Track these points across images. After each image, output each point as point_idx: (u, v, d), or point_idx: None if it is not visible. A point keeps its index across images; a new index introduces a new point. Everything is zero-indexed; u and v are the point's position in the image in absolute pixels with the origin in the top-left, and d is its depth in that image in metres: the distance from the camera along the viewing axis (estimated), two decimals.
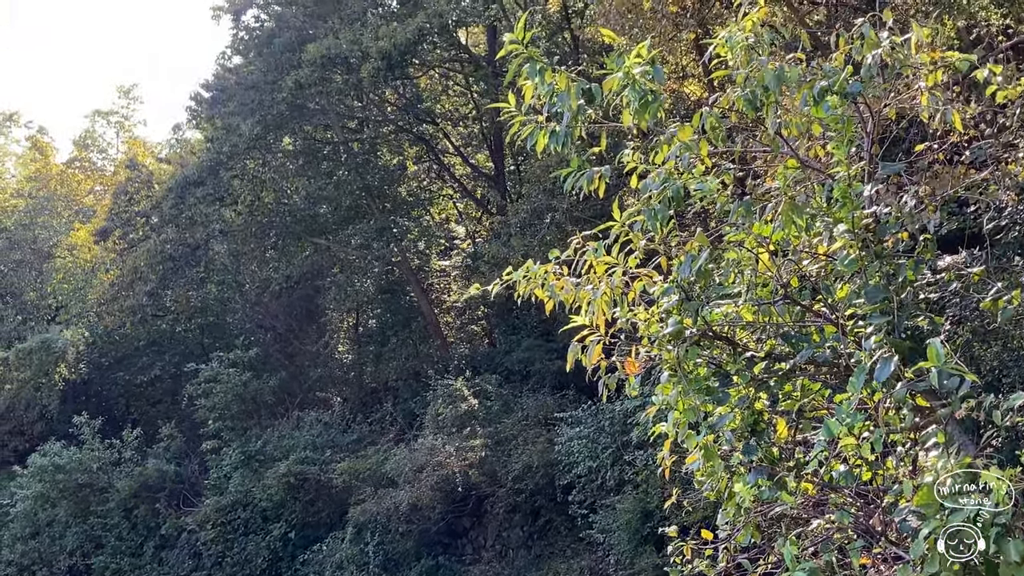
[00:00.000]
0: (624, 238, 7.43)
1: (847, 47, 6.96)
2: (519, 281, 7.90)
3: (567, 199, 29.73)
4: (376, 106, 43.29)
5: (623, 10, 24.56)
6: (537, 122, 7.73)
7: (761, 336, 7.31)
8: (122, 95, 64.54)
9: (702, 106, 7.40)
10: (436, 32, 38.50)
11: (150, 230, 46.17)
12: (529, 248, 30.62)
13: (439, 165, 45.99)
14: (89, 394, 47.81)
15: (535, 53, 7.63)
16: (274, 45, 40.03)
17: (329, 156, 43.86)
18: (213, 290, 45.56)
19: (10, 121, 66.38)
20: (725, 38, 7.20)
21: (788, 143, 7.35)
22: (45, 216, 55.06)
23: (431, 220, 46.71)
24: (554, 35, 39.85)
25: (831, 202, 7.00)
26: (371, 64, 36.09)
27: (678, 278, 6.92)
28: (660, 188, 7.10)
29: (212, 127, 42.84)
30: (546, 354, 35.65)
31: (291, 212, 43.06)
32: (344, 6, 39.79)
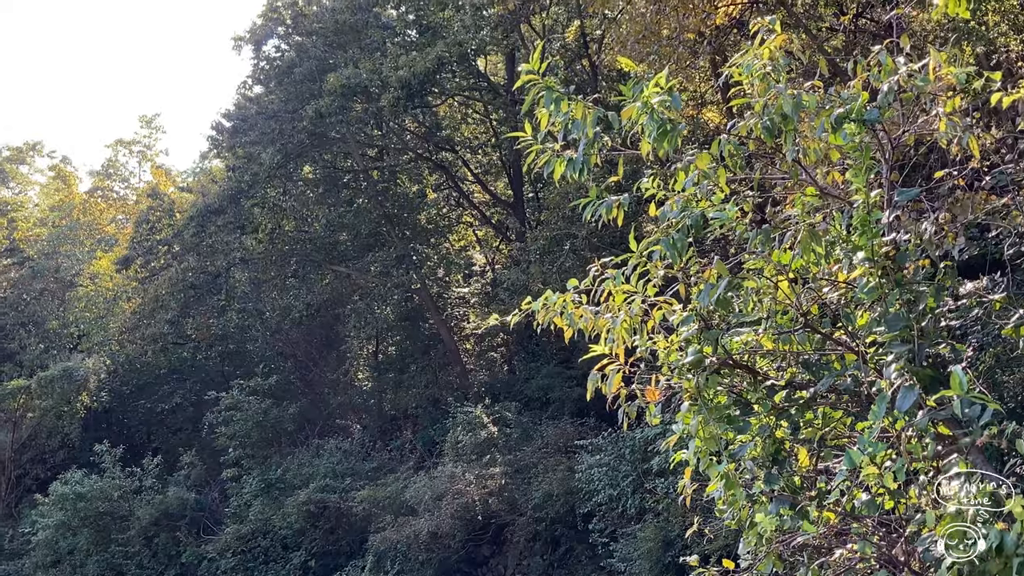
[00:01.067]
0: (643, 267, 7.42)
1: (865, 74, 6.95)
2: (539, 310, 7.90)
3: (586, 226, 29.75)
4: (396, 134, 43.50)
5: (640, 37, 24.63)
6: (554, 150, 7.74)
7: (782, 364, 7.28)
8: (144, 125, 65.15)
9: (720, 132, 7.40)
10: (455, 61, 38.74)
11: (171, 259, 46.45)
12: (548, 275, 30.63)
13: (458, 193, 46.12)
14: (110, 422, 47.99)
15: (551, 82, 7.65)
16: (295, 75, 40.34)
17: (349, 184, 44.08)
18: (234, 318, 45.73)
19: (33, 151, 67.01)
20: (743, 65, 7.20)
21: (807, 170, 7.34)
22: (68, 245, 55.45)
23: (450, 247, 46.81)
24: (572, 63, 39.98)
25: (850, 229, 6.98)
26: (391, 93, 36.33)
27: (698, 307, 6.91)
28: (679, 216, 7.09)
29: (233, 156, 43.14)
30: (565, 381, 35.57)
31: (311, 240, 43.24)
32: (364, 36, 40.08)
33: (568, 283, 7.92)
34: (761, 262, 7.12)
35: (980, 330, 15.61)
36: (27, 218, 60.30)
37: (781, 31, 7.46)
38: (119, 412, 48.36)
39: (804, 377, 7.18)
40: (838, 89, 7.11)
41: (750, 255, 7.21)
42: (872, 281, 6.62)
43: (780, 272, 7.10)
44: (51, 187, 65.20)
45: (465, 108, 46.11)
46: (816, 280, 7.21)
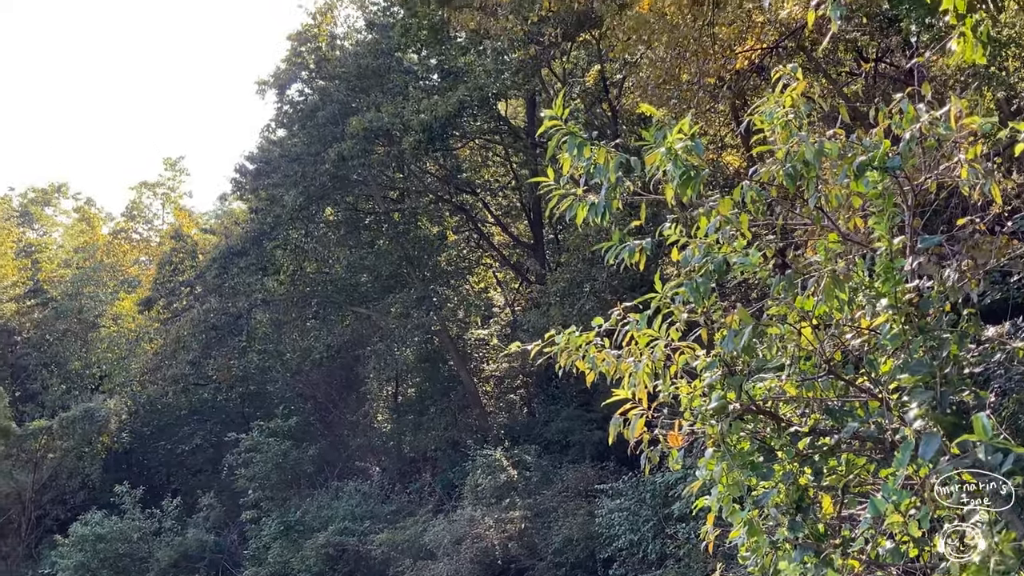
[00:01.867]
0: (666, 311, 7.45)
1: (887, 121, 7.00)
2: (560, 352, 7.93)
3: (606, 269, 29.79)
4: (417, 177, 43.78)
5: (660, 82, 24.79)
6: (576, 194, 7.80)
7: (805, 411, 7.27)
8: (169, 167, 65.77)
9: (740, 176, 7.45)
10: (476, 105, 39.03)
11: (194, 299, 46.73)
12: (568, 317, 30.62)
13: (479, 234, 46.30)
14: (131, 463, 48.11)
15: (574, 128, 7.73)
16: (317, 118, 40.73)
17: (370, 226, 44.33)
18: (255, 359, 45.89)
19: (59, 192, 67.73)
20: (764, 113, 7.26)
21: (829, 216, 7.37)
22: (91, 286, 55.86)
23: (470, 289, 46.92)
24: (592, 106, 40.23)
25: (873, 275, 6.99)
26: (412, 136, 36.62)
27: (721, 352, 6.92)
28: (701, 261, 7.12)
29: (256, 198, 43.53)
30: (585, 424, 35.45)
31: (332, 281, 43.45)
32: (386, 80, 40.49)
33: (592, 322, 7.95)
34: (784, 308, 7.14)
35: (1003, 375, 15.52)
36: (51, 259, 60.82)
37: (802, 78, 7.53)
38: (139, 453, 48.48)
39: (827, 423, 7.16)
40: (860, 135, 7.15)
41: (773, 301, 7.23)
42: (895, 328, 6.62)
43: (803, 318, 7.11)
44: (75, 229, 65.81)
45: (486, 151, 46.41)
46: (839, 326, 7.21)
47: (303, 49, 43.80)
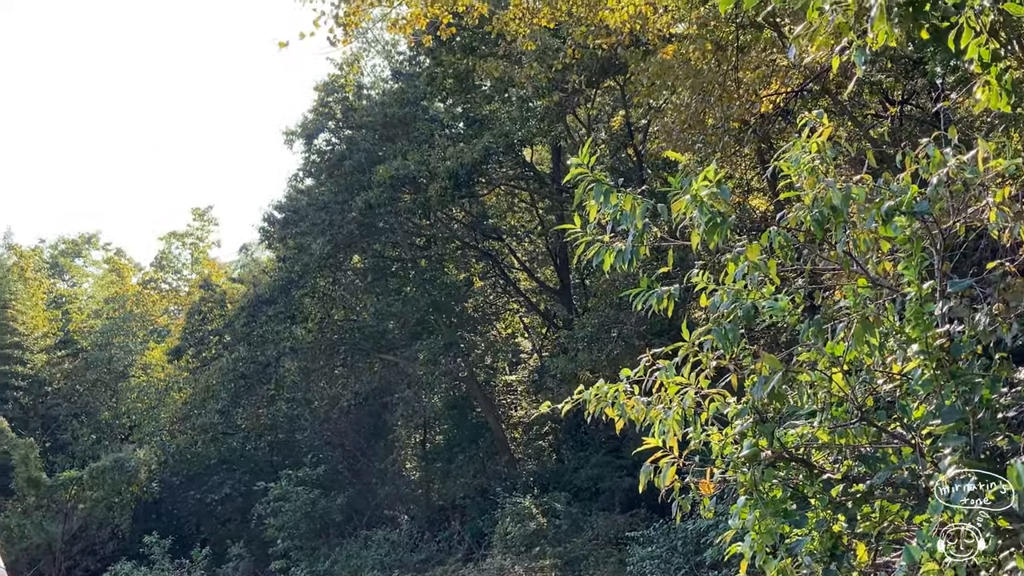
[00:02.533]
0: (694, 358, 7.43)
1: (913, 166, 6.99)
2: (589, 400, 7.92)
3: (635, 313, 29.68)
4: (443, 223, 43.97)
5: (685, 127, 24.85)
6: (603, 241, 7.82)
7: (838, 457, 7.22)
8: (197, 217, 66.34)
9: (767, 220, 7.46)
10: (501, 151, 39.25)
11: (222, 348, 46.91)
12: (597, 363, 30.54)
13: (505, 280, 46.36)
14: (160, 513, 48.11)
15: (600, 176, 7.77)
16: (344, 167, 41.04)
17: (397, 273, 44.48)
18: (283, 407, 45.95)
19: (89, 243, 68.46)
20: (790, 159, 7.28)
21: (858, 261, 7.35)
22: (121, 336, 56.24)
23: (498, 335, 46.89)
24: (617, 151, 40.38)
25: (903, 320, 6.96)
26: (439, 183, 36.85)
27: (752, 399, 6.89)
28: (730, 307, 7.11)
29: (284, 247, 43.82)
30: (615, 471, 35.21)
31: (360, 329, 43.53)
32: (412, 128, 40.81)
33: (621, 372, 7.94)
34: (814, 354, 7.11)
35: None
36: (81, 310, 61.37)
37: (828, 122, 7.55)
38: (169, 503, 48.51)
39: (860, 470, 7.11)
40: (887, 179, 7.15)
41: (803, 347, 7.21)
42: (927, 373, 6.58)
43: (834, 364, 7.07)
44: (105, 279, 66.40)
45: (511, 197, 46.58)
46: (870, 372, 7.17)
47: (330, 99, 44.24)
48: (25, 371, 53.55)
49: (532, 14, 19.81)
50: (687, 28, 23.12)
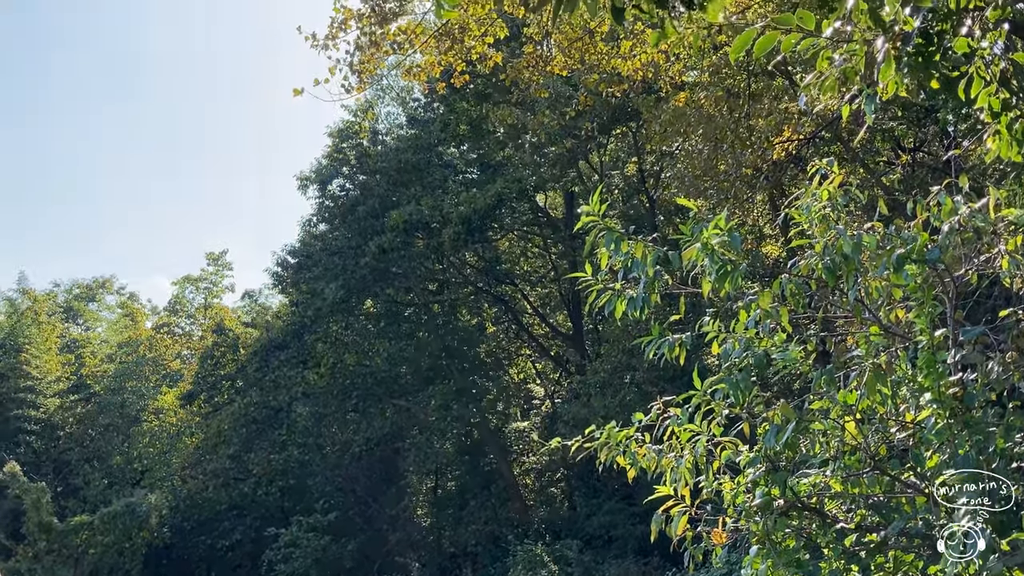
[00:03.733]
0: (706, 407, 7.41)
1: (925, 214, 7.00)
2: (600, 447, 7.88)
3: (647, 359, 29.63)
4: (456, 268, 44.08)
5: (698, 173, 24.97)
6: (614, 288, 7.83)
7: (851, 507, 7.16)
8: (211, 262, 66.60)
9: (779, 266, 7.47)
10: (514, 197, 39.44)
11: (235, 393, 46.92)
12: (609, 408, 30.44)
13: (518, 325, 46.36)
14: (171, 558, 47.85)
15: (611, 224, 7.79)
16: (358, 212, 41.26)
17: (410, 318, 44.53)
18: (295, 453, 45.84)
19: (103, 288, 68.75)
20: (802, 207, 7.30)
21: (869, 309, 7.34)
22: (134, 381, 56.32)
23: (510, 380, 46.80)
24: (630, 197, 40.54)
25: (916, 368, 6.93)
26: (451, 228, 37.00)
27: (764, 448, 6.86)
28: (742, 355, 7.10)
29: (297, 292, 43.97)
30: (628, 518, 34.95)
31: (372, 374, 43.50)
32: (426, 174, 41.04)
33: (633, 416, 7.91)
34: (827, 402, 7.08)
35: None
36: (94, 354, 61.50)
37: (838, 167, 7.58)
38: (179, 548, 48.26)
39: (874, 520, 7.05)
40: (898, 224, 7.15)
41: (815, 395, 7.18)
42: (940, 422, 6.54)
43: (847, 412, 7.04)
44: (119, 323, 66.61)
45: (524, 242, 46.72)
46: (883, 420, 7.13)
47: (345, 145, 44.56)
48: (38, 415, 53.60)
49: (545, 62, 19.96)
50: (699, 76, 23.29)
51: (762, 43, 5.82)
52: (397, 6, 17.84)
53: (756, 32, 5.80)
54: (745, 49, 5.88)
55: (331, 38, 17.98)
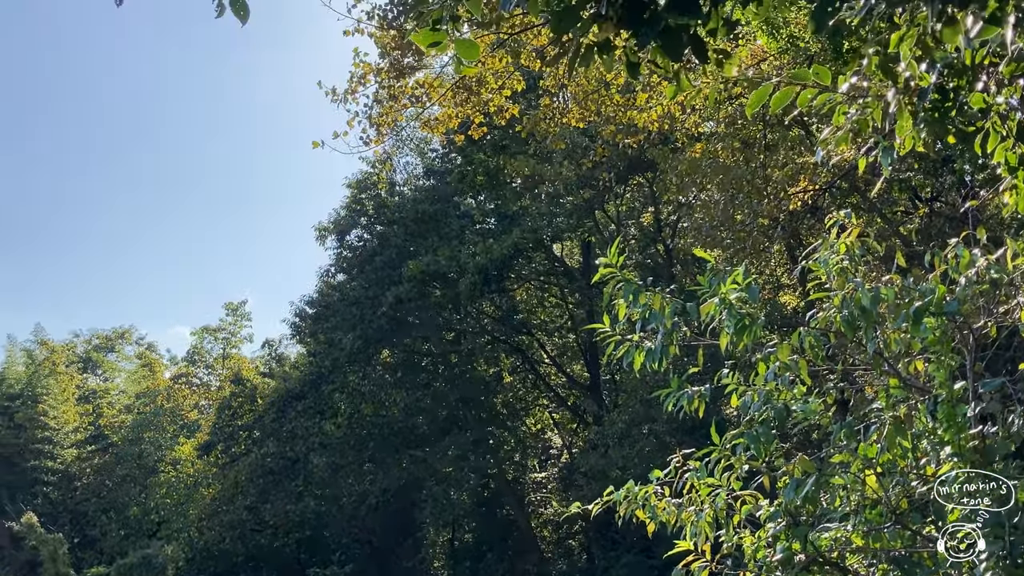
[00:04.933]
0: (726, 461, 7.38)
1: (942, 266, 7.00)
2: (619, 502, 7.85)
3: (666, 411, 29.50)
4: (473, 318, 44.12)
5: (715, 223, 25.00)
6: (632, 340, 7.83)
7: (872, 561, 7.10)
8: (230, 312, 66.85)
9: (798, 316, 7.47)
10: (531, 247, 39.55)
11: (252, 444, 46.89)
12: (628, 460, 30.28)
13: (535, 375, 46.27)
14: None
15: (629, 275, 7.81)
16: (376, 262, 41.46)
17: (427, 368, 44.53)
18: (311, 504, 45.69)
19: (122, 339, 69.06)
20: (819, 260, 7.31)
21: (888, 362, 7.32)
22: (151, 431, 56.39)
23: (527, 431, 46.62)
24: (647, 247, 40.59)
25: (936, 421, 6.89)
26: (469, 278, 37.10)
27: (784, 502, 6.82)
28: (761, 409, 7.08)
29: (315, 342, 44.06)
30: (648, 571, 34.56)
31: (389, 424, 43.43)
32: (443, 224, 41.24)
33: (651, 474, 7.89)
34: (847, 455, 7.04)
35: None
36: (112, 405, 61.67)
37: (856, 217, 7.60)
38: None
39: (896, 574, 6.98)
40: (916, 274, 7.15)
41: (835, 448, 7.14)
42: (961, 475, 6.50)
43: (867, 466, 7.00)
44: (137, 374, 66.81)
45: (541, 292, 46.76)
46: (904, 474, 7.09)
47: (363, 196, 44.89)
48: (55, 466, 53.69)
49: (562, 114, 20.13)
50: (715, 127, 23.40)
51: (778, 98, 5.89)
52: (415, 61, 18.05)
53: (772, 87, 5.86)
54: (761, 104, 5.94)
55: (350, 92, 18.21)
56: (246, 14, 5.39)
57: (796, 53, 18.44)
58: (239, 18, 5.39)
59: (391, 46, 18.02)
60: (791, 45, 17.93)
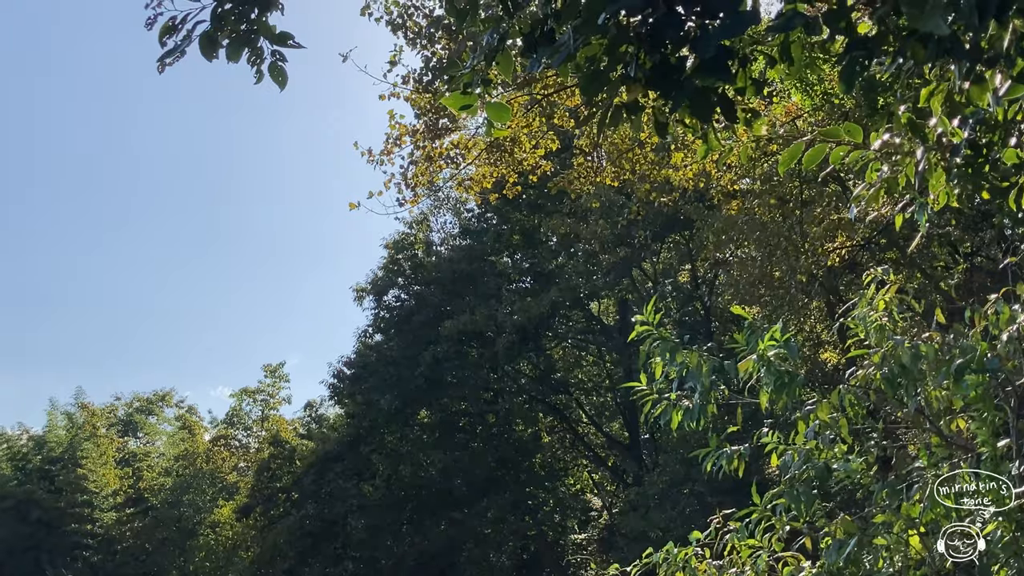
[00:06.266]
0: (767, 522, 7.29)
1: (983, 322, 6.93)
2: (659, 564, 7.77)
3: (705, 471, 29.19)
4: (511, 378, 44.03)
5: (753, 280, 24.91)
6: (670, 399, 7.78)
7: None
8: (269, 374, 67.06)
9: (838, 372, 7.41)
10: (568, 305, 39.53)
11: (291, 506, 46.78)
12: (669, 521, 29.93)
13: (573, 435, 46.00)
14: None
15: (666, 333, 7.79)
16: (413, 322, 41.58)
17: (464, 428, 44.41)
18: (350, 566, 45.35)
19: (163, 401, 69.41)
20: (858, 317, 7.26)
21: (930, 419, 7.23)
22: (190, 494, 56.41)
23: (566, 491, 46.25)
24: (685, 304, 40.46)
25: (979, 479, 6.78)
26: (506, 338, 37.10)
27: (826, 563, 6.71)
28: (802, 468, 7.00)
29: (353, 403, 44.09)
30: None
31: (427, 485, 43.25)
32: (480, 284, 41.36)
33: (691, 535, 7.80)
34: (890, 515, 6.93)
35: None
36: (152, 467, 61.84)
37: (895, 272, 7.56)
38: None
39: None
40: (957, 330, 7.08)
41: (878, 508, 7.04)
42: (1006, 535, 6.38)
43: (910, 525, 6.88)
44: (177, 436, 67.01)
45: (579, 350, 46.63)
46: (947, 533, 6.96)
47: (400, 256, 45.15)
48: (95, 530, 53.78)
49: (596, 173, 20.21)
50: (751, 184, 23.40)
51: (811, 156, 5.89)
52: (450, 122, 18.23)
53: (804, 145, 5.87)
54: (794, 161, 5.95)
55: (386, 153, 18.39)
56: (284, 80, 5.51)
57: (831, 110, 18.47)
58: (277, 84, 5.51)
59: (426, 108, 18.22)
60: (825, 102, 17.97)
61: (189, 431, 65.39)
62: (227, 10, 5.22)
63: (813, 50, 5.02)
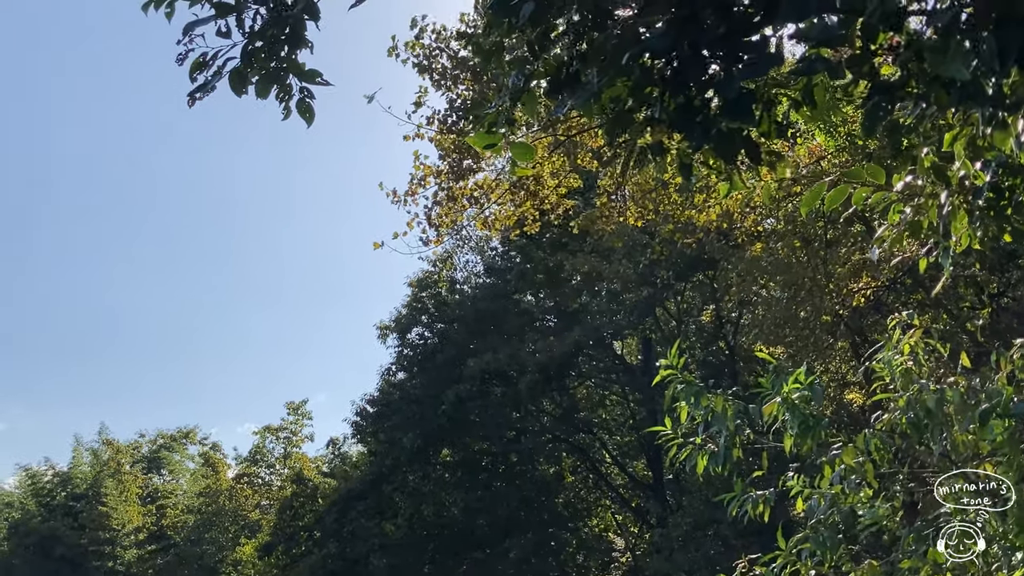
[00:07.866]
0: (792, 567, 7.22)
1: (1008, 366, 6.88)
2: None
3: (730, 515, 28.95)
4: (534, 417, 43.89)
5: (777, 321, 24.80)
6: (695, 443, 7.76)
7: None
8: (292, 412, 67.11)
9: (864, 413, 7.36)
10: (592, 344, 39.44)
11: (313, 545, 46.62)
12: (693, 563, 29.66)
13: (596, 475, 45.73)
14: None
15: (690, 377, 7.77)
16: (436, 360, 41.59)
17: (487, 467, 44.24)
18: None
19: (186, 438, 69.56)
20: (883, 360, 7.22)
21: (956, 463, 7.16)
22: (213, 531, 56.36)
23: (590, 532, 45.91)
24: (708, 344, 40.30)
25: (1006, 524, 6.71)
26: (529, 377, 37.02)
27: None
28: (827, 513, 6.94)
29: (376, 441, 44.05)
30: None
31: (449, 525, 43.05)
32: (503, 322, 41.37)
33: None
34: (916, 561, 6.85)
35: None
36: (175, 505, 61.88)
37: (920, 314, 7.52)
38: None
39: None
40: (983, 374, 7.03)
41: (904, 554, 6.96)
42: None
43: (936, 571, 6.81)
44: (200, 473, 67.05)
45: (602, 390, 46.46)
46: None
47: (423, 294, 45.25)
48: (116, 567, 53.76)
49: (619, 213, 20.25)
50: (775, 225, 23.36)
51: (833, 196, 5.88)
52: (474, 163, 18.33)
53: (827, 185, 5.86)
54: (816, 202, 5.94)
55: (411, 193, 18.50)
56: (311, 117, 5.57)
57: (855, 151, 18.46)
58: (304, 119, 5.57)
59: (450, 149, 18.34)
60: (849, 142, 17.97)
61: (212, 468, 65.44)
62: (258, 48, 5.29)
63: (836, 93, 5.03)
